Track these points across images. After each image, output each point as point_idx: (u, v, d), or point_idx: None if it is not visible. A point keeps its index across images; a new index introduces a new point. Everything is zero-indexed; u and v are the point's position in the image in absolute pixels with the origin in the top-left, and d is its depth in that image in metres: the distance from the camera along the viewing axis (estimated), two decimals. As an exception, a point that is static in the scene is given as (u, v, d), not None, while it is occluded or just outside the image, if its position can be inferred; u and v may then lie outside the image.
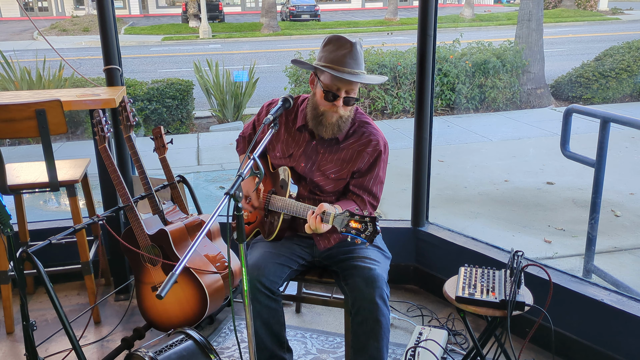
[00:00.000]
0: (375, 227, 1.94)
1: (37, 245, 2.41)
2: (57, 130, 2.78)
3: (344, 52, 2.20)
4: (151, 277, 2.76)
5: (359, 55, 2.21)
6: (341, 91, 2.22)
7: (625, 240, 4.15)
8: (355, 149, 2.35)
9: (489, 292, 2.19)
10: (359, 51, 2.22)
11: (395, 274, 2.48)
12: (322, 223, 2.10)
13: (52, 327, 3.06)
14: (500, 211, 4.80)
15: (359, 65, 2.21)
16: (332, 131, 2.31)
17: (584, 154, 3.17)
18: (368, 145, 2.34)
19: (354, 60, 2.20)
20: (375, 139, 2.35)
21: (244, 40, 19.09)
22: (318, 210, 2.11)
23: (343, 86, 2.22)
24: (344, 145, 2.36)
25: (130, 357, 2.24)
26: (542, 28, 9.58)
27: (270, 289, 2.26)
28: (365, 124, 2.39)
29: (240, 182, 1.80)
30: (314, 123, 2.32)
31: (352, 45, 2.20)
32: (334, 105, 2.23)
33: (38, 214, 4.93)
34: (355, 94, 2.26)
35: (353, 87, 2.23)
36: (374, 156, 2.35)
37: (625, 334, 2.43)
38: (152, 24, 24.14)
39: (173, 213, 2.96)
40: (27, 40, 20.02)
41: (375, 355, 2.20)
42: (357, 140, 2.36)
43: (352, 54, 2.20)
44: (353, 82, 2.21)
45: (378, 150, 2.35)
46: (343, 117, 2.28)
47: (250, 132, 2.64)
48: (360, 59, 2.21)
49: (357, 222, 1.97)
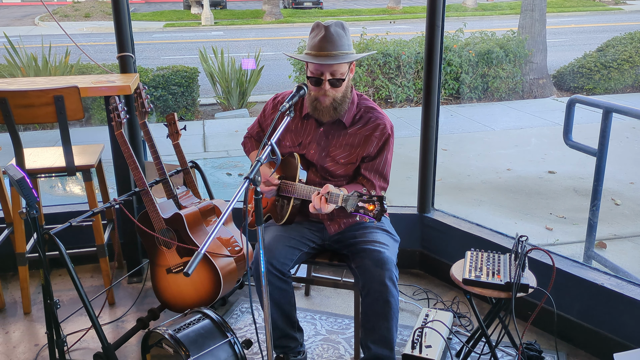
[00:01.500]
0: (382, 205, 2.00)
1: (58, 227, 2.50)
2: (74, 116, 2.85)
3: (320, 37, 2.27)
4: (166, 259, 2.85)
5: (335, 36, 2.27)
6: (325, 74, 2.29)
7: (625, 228, 4.24)
8: (363, 134, 2.43)
9: (494, 275, 2.27)
10: (334, 33, 2.27)
11: (402, 259, 2.56)
12: (327, 203, 2.18)
13: (67, 308, 3.14)
14: (503, 199, 4.89)
15: (336, 47, 2.27)
16: (329, 114, 2.38)
17: (585, 144, 3.25)
18: (376, 130, 2.42)
19: (329, 43, 2.26)
20: (382, 122, 2.42)
21: (247, 27, 19.07)
22: (323, 190, 2.19)
23: (324, 69, 2.29)
24: (352, 130, 2.44)
25: (148, 335, 2.33)
26: (545, 18, 9.60)
27: (280, 271, 2.35)
28: (371, 109, 2.46)
29: (259, 167, 1.88)
30: (312, 109, 2.41)
31: (326, 29, 2.27)
32: (322, 89, 2.31)
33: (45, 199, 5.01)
34: (342, 74, 2.31)
35: (335, 68, 2.29)
36: (382, 140, 2.42)
37: (624, 317, 2.52)
38: (153, 10, 24.06)
39: (186, 197, 3.04)
40: (29, 25, 20.00)
41: (385, 335, 2.29)
42: (364, 125, 2.43)
43: (326, 37, 2.26)
44: (332, 64, 2.27)
45: (386, 134, 2.42)
46: (337, 99, 2.35)
47: (257, 131, 2.71)
48: (337, 40, 2.26)
49: (365, 202, 2.04)
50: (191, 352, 2.14)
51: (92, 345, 2.84)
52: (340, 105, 2.38)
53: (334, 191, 2.16)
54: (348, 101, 2.40)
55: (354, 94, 2.46)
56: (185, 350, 2.14)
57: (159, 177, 2.98)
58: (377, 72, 8.35)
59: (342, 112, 2.40)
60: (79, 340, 2.86)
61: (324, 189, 2.19)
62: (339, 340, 2.83)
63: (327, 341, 2.82)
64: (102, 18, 21.11)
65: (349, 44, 2.32)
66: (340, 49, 2.28)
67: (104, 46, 13.52)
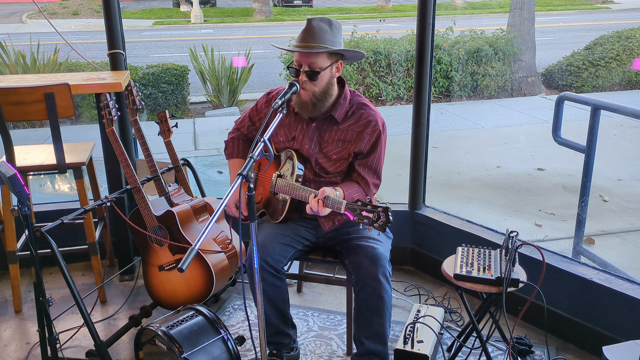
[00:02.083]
0: (388, 216, 2.01)
1: (50, 225, 2.49)
2: (65, 114, 2.84)
3: (303, 30, 2.31)
4: (158, 257, 2.85)
5: (316, 29, 2.29)
6: (303, 66, 2.31)
7: (612, 225, 4.29)
8: (355, 130, 2.44)
9: (485, 270, 2.30)
10: (315, 26, 2.29)
11: (393, 255, 2.58)
12: (325, 207, 2.19)
13: (58, 306, 3.13)
14: (493, 196, 4.92)
15: (315, 40, 2.28)
16: (308, 110, 2.39)
17: (574, 141, 3.28)
18: (367, 126, 2.43)
19: (309, 35, 2.29)
20: (374, 119, 2.43)
21: (237, 25, 19.01)
22: (320, 194, 2.20)
23: (302, 61, 2.31)
24: (344, 126, 2.45)
25: (141, 331, 2.33)
26: (533, 16, 9.67)
27: (275, 268, 2.36)
28: (363, 106, 2.47)
29: (252, 164, 1.89)
30: (294, 103, 2.41)
31: (309, 22, 2.31)
32: (300, 80, 2.32)
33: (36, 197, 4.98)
34: (320, 67, 2.31)
35: (312, 60, 2.30)
36: (375, 136, 2.43)
37: (612, 311, 2.56)
38: (142, 7, 23.93)
39: (178, 195, 3.04)
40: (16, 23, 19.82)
41: (378, 330, 2.31)
42: (356, 121, 2.44)
43: (308, 29, 2.30)
44: (311, 55, 2.29)
45: (378, 130, 2.43)
46: (316, 95, 2.35)
47: (248, 124, 2.69)
48: (317, 33, 2.28)
49: (370, 212, 2.04)
50: (184, 349, 2.15)
51: (84, 343, 2.83)
52: (320, 102, 2.37)
53: (332, 195, 2.17)
54: (329, 98, 2.40)
55: (347, 90, 2.47)
56: (179, 347, 2.14)
57: (151, 174, 2.98)
58: (368, 70, 8.37)
59: (322, 109, 2.40)
60: (71, 338, 2.86)
61: (321, 193, 2.20)
62: (332, 336, 2.84)
63: (320, 337, 2.83)
64: (90, 16, 20.96)
65: (333, 40, 2.32)
66: (321, 42, 2.29)
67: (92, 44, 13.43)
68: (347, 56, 2.43)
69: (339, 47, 2.34)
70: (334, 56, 2.35)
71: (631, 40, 9.40)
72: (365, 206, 2.05)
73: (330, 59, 2.34)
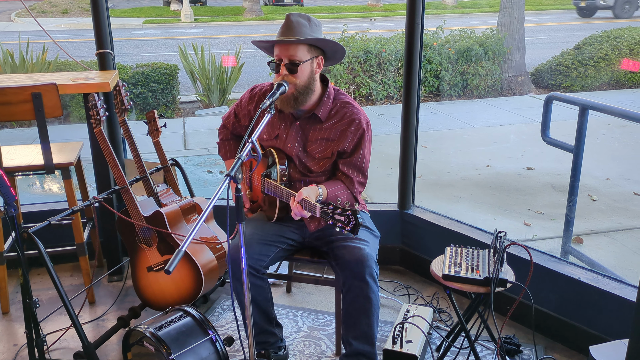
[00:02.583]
0: (357, 219, 1.99)
1: (37, 226, 2.47)
2: (52, 114, 2.82)
3: (282, 25, 2.34)
4: (146, 257, 2.83)
5: (295, 24, 2.31)
6: (283, 60, 2.32)
7: (601, 224, 4.32)
8: (339, 129, 2.43)
9: (473, 270, 2.30)
10: (294, 21, 2.32)
11: (382, 255, 2.58)
12: (303, 210, 2.19)
13: (46, 307, 3.12)
14: (482, 195, 4.94)
15: (294, 33, 2.30)
16: (289, 104, 2.38)
17: (562, 140, 3.30)
18: (351, 125, 2.42)
19: (288, 29, 2.31)
20: (357, 118, 2.43)
21: (227, 24, 18.95)
22: (298, 197, 2.20)
23: (281, 54, 2.32)
24: (327, 125, 2.45)
25: (129, 333, 2.32)
26: (523, 16, 9.71)
27: (254, 268, 2.37)
28: (347, 104, 2.47)
29: (239, 165, 1.88)
30: (278, 100, 2.39)
31: (288, 17, 2.33)
32: (280, 74, 2.32)
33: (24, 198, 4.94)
34: (299, 60, 2.31)
35: (291, 52, 2.31)
36: (358, 135, 2.43)
37: (599, 310, 2.57)
38: (132, 6, 23.80)
39: (167, 195, 3.03)
40: (5, 22, 19.66)
41: (366, 331, 2.31)
42: (339, 120, 2.44)
43: (286, 24, 2.32)
44: (289, 47, 2.30)
45: (361, 129, 2.43)
46: (298, 88, 2.34)
47: (233, 121, 2.69)
48: (296, 27, 2.30)
49: (340, 215, 2.03)
50: (172, 350, 2.14)
51: (72, 345, 2.81)
52: (302, 95, 2.37)
53: (309, 200, 2.17)
54: (312, 94, 2.40)
55: (330, 89, 2.47)
56: (167, 348, 2.14)
57: (139, 174, 2.97)
58: (358, 70, 8.37)
59: (304, 104, 2.39)
60: (59, 340, 2.84)
61: (299, 195, 2.20)
62: (321, 336, 2.84)
63: (309, 337, 2.83)
64: (80, 14, 20.82)
65: (311, 35, 2.33)
66: (299, 35, 2.31)
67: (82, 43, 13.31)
68: (328, 52, 2.43)
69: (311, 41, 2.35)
70: (314, 50, 2.36)
71: (620, 40, 9.47)
72: (336, 209, 2.04)
73: (310, 53, 2.35)
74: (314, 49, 2.36)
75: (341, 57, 2.50)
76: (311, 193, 2.26)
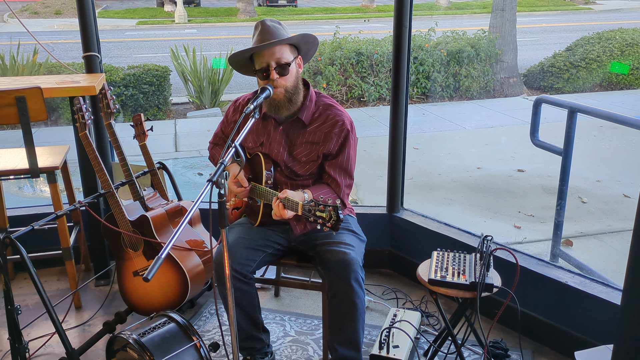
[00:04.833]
0: (338, 215, 1.98)
1: (20, 231, 2.45)
2: (37, 117, 2.79)
3: (259, 31, 2.32)
4: (132, 262, 2.81)
5: (272, 28, 2.31)
6: (271, 64, 2.29)
7: (590, 226, 4.32)
8: (323, 131, 2.42)
9: (459, 275, 2.29)
10: (270, 25, 2.31)
11: (371, 258, 2.57)
12: (285, 209, 2.18)
13: (32, 312, 3.09)
14: (473, 197, 4.94)
15: (274, 37, 2.29)
16: (285, 107, 2.36)
17: (554, 142, 3.29)
18: (334, 127, 2.41)
19: (267, 34, 2.30)
20: (341, 119, 2.42)
21: (221, 25, 18.92)
22: (281, 195, 2.19)
23: (268, 59, 2.29)
24: (311, 128, 2.43)
25: (113, 339, 2.30)
26: (515, 18, 9.73)
27: (241, 273, 2.35)
28: (329, 107, 2.46)
29: (222, 170, 1.86)
30: (268, 107, 2.39)
31: (262, 23, 2.32)
32: (271, 80, 2.29)
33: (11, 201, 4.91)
34: (287, 60, 2.31)
35: (278, 54, 2.29)
36: (342, 136, 2.42)
37: (587, 314, 2.57)
38: (126, 7, 23.73)
39: (154, 199, 3.01)
40: (-3, 22, 19.55)
41: (351, 336, 2.30)
42: (323, 122, 2.43)
43: (264, 29, 2.31)
44: (275, 49, 2.29)
45: (345, 129, 2.42)
46: (288, 89, 2.33)
47: (221, 137, 2.70)
48: (275, 31, 2.30)
49: (322, 211, 2.02)
50: (156, 357, 2.12)
51: (57, 350, 2.79)
52: (294, 96, 2.36)
53: (291, 197, 2.16)
54: (301, 92, 2.40)
55: (312, 92, 2.46)
56: (150, 355, 2.11)
57: (125, 178, 2.95)
58: (350, 71, 8.36)
59: (297, 103, 2.39)
60: (44, 345, 2.81)
61: (282, 194, 2.19)
62: (308, 341, 2.83)
63: (296, 342, 2.82)
64: (73, 15, 20.69)
65: (286, 36, 2.33)
66: (280, 38, 2.30)
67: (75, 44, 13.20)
68: (302, 51, 2.42)
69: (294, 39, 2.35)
70: (294, 50, 2.37)
71: (611, 42, 9.50)
72: (317, 206, 2.03)
73: (293, 53, 2.35)
74: (294, 49, 2.37)
75: (312, 54, 2.52)
76: (296, 195, 2.24)
